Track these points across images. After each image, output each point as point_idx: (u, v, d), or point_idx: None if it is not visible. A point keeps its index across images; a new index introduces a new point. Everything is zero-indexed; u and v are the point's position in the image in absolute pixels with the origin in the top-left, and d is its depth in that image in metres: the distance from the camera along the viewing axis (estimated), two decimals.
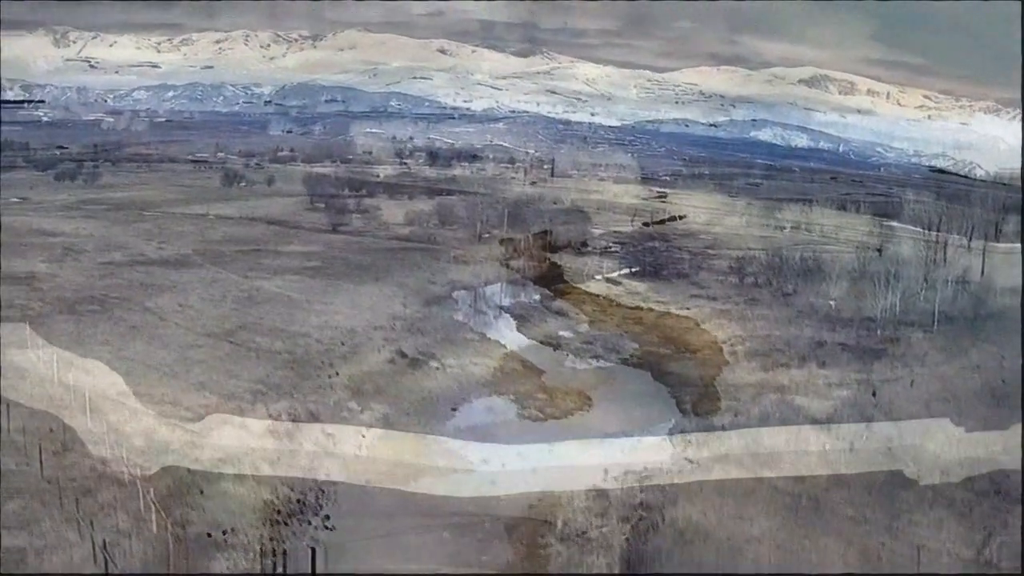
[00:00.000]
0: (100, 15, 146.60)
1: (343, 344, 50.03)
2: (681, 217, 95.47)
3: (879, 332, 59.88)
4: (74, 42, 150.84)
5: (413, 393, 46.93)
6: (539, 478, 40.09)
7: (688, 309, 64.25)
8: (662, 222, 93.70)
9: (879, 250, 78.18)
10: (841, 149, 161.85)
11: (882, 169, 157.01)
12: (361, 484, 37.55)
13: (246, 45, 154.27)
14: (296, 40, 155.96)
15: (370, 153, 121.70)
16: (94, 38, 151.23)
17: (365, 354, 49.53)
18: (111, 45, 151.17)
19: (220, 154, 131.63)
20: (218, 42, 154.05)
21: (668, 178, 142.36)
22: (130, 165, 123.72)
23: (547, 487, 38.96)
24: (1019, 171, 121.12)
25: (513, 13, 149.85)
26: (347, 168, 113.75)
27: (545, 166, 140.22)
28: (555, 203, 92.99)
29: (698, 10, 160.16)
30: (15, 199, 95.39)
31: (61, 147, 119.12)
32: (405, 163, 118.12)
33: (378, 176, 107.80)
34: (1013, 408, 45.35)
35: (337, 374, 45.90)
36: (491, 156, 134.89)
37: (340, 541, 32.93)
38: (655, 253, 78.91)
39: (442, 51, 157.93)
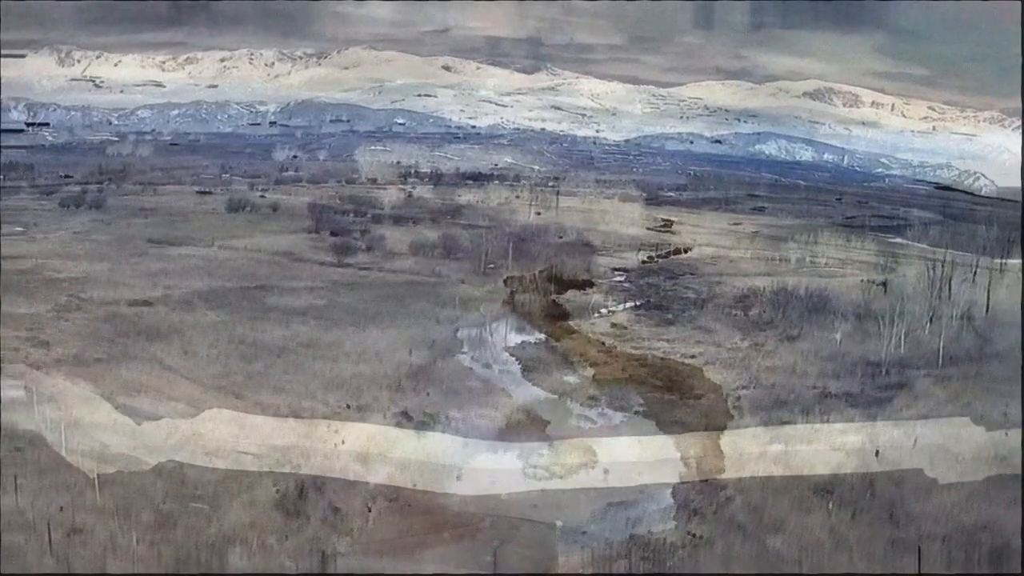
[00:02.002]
0: (105, 34, 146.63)
1: (349, 407, 50.23)
2: (687, 250, 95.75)
3: (884, 377, 60.10)
4: (78, 61, 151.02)
5: (417, 455, 47.12)
6: None
7: (693, 357, 64.33)
8: (667, 255, 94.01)
9: (884, 284, 78.28)
10: (846, 161, 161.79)
11: (887, 180, 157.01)
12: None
13: (251, 64, 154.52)
14: (301, 58, 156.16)
15: (375, 181, 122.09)
16: (98, 57, 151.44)
17: (371, 416, 49.70)
18: (115, 64, 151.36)
19: (225, 175, 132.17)
20: (223, 60, 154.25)
21: (674, 194, 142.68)
22: (136, 188, 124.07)
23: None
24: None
25: (519, 29, 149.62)
26: (352, 195, 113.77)
27: (551, 184, 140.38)
28: (560, 236, 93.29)
29: (704, 24, 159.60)
30: (19, 228, 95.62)
31: (67, 176, 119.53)
32: (410, 190, 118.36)
33: (383, 208, 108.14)
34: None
35: (343, 442, 46.15)
36: (496, 177, 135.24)
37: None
38: (661, 292, 79.21)
39: (447, 68, 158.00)
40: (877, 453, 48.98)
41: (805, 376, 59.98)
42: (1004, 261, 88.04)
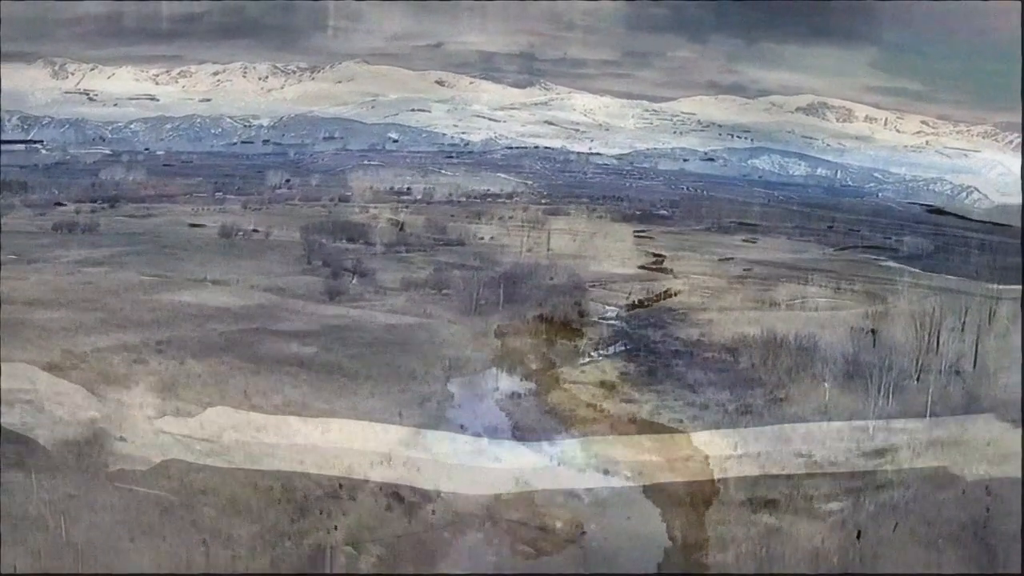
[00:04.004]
0: (99, 46, 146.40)
1: (341, 487, 50.68)
2: (676, 293, 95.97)
3: (870, 442, 60.90)
4: (72, 74, 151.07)
5: (409, 538, 47.68)
6: None
7: (681, 421, 64.71)
8: (658, 298, 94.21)
9: (873, 332, 78.76)
10: (839, 176, 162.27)
11: (880, 195, 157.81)
12: None
13: (244, 77, 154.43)
14: (294, 72, 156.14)
15: (367, 209, 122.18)
16: (92, 70, 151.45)
17: (362, 499, 50.15)
18: (109, 77, 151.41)
19: (218, 193, 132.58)
20: (216, 74, 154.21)
21: (666, 211, 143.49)
22: (129, 209, 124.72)
23: None
24: (1017, 189, 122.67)
25: (512, 44, 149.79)
26: (344, 223, 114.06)
27: (543, 201, 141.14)
28: (551, 278, 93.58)
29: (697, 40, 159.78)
30: (12, 255, 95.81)
31: (59, 203, 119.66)
32: (402, 220, 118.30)
33: (375, 244, 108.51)
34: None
35: (336, 527, 46.66)
36: (489, 197, 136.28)
37: None
38: (650, 344, 79.52)
39: (440, 83, 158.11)
40: (859, 535, 49.53)
41: (791, 441, 60.53)
42: (997, 297, 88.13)
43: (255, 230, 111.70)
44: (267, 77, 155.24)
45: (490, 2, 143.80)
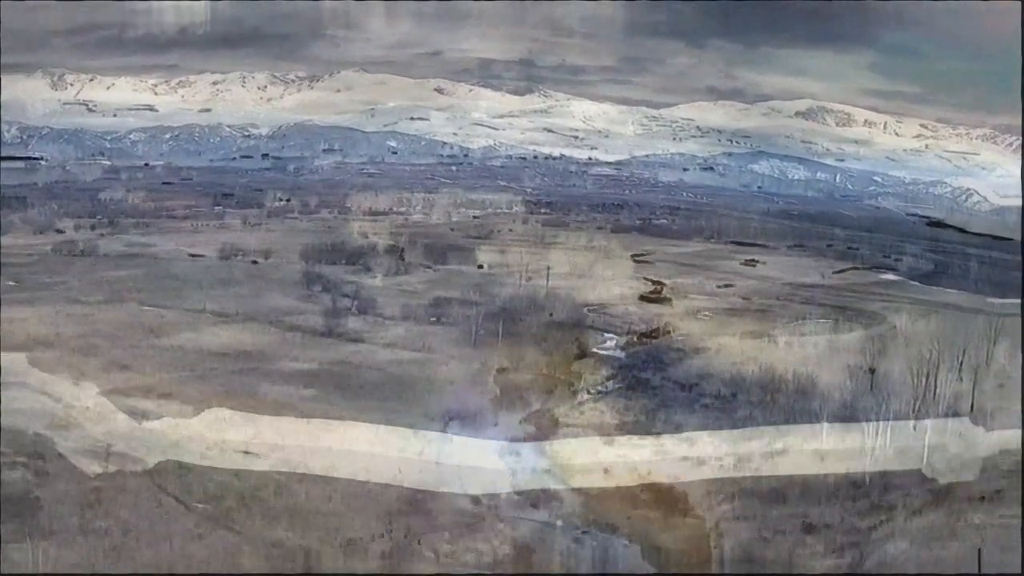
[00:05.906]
0: (97, 57, 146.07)
1: (340, 547, 51.13)
2: (674, 330, 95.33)
3: (865, 499, 61.28)
4: (71, 84, 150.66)
5: None
6: None
7: (678, 478, 65.02)
8: (656, 335, 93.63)
9: (872, 370, 78.97)
10: (838, 180, 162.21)
11: (879, 199, 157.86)
12: None
13: (243, 87, 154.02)
14: (293, 81, 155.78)
15: (366, 235, 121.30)
16: (91, 80, 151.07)
17: (363, 559, 50.58)
18: (108, 87, 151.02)
19: (217, 208, 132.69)
20: (215, 84, 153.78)
21: (665, 221, 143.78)
22: (128, 222, 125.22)
23: None
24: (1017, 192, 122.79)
25: (510, 51, 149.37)
26: (343, 247, 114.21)
27: (542, 210, 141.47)
28: (551, 313, 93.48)
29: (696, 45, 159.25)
30: (11, 282, 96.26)
31: (59, 230, 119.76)
32: (402, 247, 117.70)
33: (375, 272, 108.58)
34: None
35: None
36: (489, 210, 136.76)
37: None
38: (649, 391, 79.21)
39: (439, 90, 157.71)
40: None
41: (786, 502, 60.95)
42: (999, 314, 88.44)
43: (254, 261, 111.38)
44: (266, 86, 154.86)
45: (488, 3, 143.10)
